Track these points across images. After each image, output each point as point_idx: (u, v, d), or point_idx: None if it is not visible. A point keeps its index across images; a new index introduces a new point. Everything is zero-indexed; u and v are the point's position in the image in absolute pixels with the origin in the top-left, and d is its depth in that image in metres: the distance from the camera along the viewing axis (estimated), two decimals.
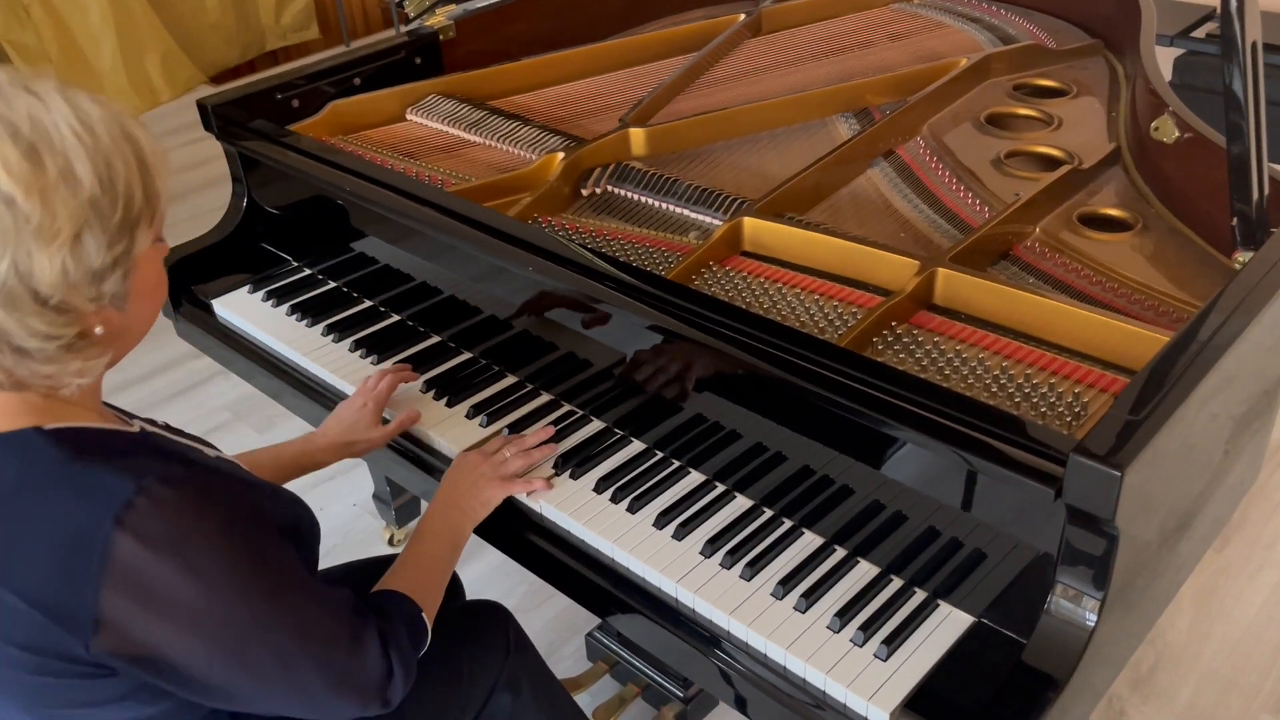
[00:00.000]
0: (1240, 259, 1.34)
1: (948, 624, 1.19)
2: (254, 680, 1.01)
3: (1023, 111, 1.89)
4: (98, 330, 0.97)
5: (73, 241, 0.91)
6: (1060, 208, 1.60)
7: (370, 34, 5.61)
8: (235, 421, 2.88)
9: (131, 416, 1.14)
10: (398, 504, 2.36)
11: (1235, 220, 1.32)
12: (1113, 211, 1.59)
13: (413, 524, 2.44)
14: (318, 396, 1.68)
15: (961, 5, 2.34)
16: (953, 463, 1.13)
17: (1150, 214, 1.59)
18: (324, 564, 1.61)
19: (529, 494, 1.38)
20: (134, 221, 0.95)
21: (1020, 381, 1.26)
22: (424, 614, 1.21)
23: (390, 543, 2.41)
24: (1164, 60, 3.24)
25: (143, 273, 0.99)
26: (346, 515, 2.54)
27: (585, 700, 1.92)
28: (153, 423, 1.17)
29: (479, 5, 2.19)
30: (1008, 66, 2.03)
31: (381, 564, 1.60)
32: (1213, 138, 1.56)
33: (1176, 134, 1.59)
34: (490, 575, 2.29)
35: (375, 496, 2.42)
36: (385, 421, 1.53)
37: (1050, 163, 1.73)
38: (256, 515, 1.04)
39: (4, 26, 4.30)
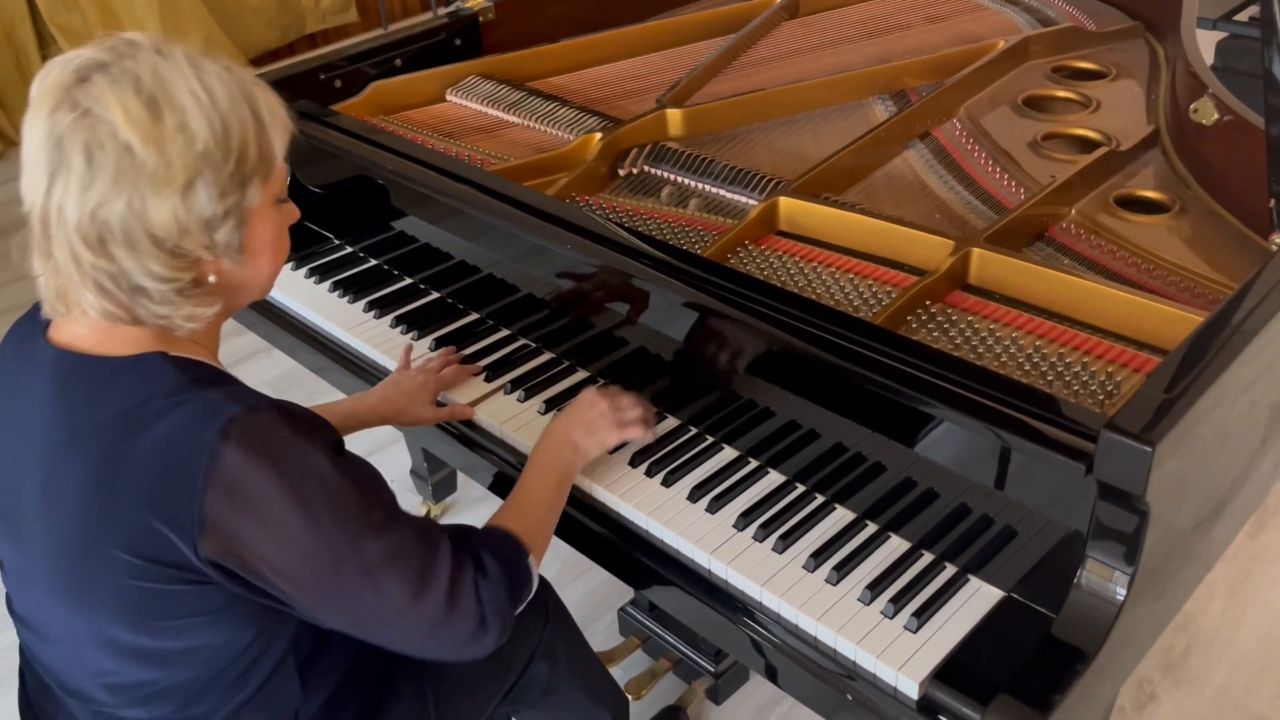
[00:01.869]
0: (1278, 240, 1.34)
1: (978, 598, 1.20)
2: (344, 600, 1.04)
3: (1060, 94, 1.89)
4: (211, 279, 1.04)
5: (184, 189, 0.97)
6: (1097, 190, 1.60)
7: (408, 17, 5.65)
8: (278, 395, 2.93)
9: None
10: (434, 480, 2.40)
11: (1273, 202, 1.32)
12: (1150, 193, 1.59)
13: (450, 499, 2.48)
14: (361, 372, 1.71)
15: None
16: (985, 439, 1.14)
17: (1188, 196, 1.59)
18: None
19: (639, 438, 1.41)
20: (246, 176, 1.02)
21: (1053, 360, 1.27)
22: (531, 558, 1.20)
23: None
24: (1207, 44, 3.20)
25: (257, 229, 1.06)
26: None
27: (617, 674, 1.94)
28: None
29: None
30: (1046, 49, 2.03)
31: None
32: (1253, 120, 1.55)
33: (1216, 116, 1.58)
34: None
35: (413, 472, 2.46)
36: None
37: (1087, 145, 1.73)
38: (350, 470, 1.07)
39: (50, 9, 4.37)
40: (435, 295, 1.80)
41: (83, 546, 1.01)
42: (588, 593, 2.24)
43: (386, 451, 2.66)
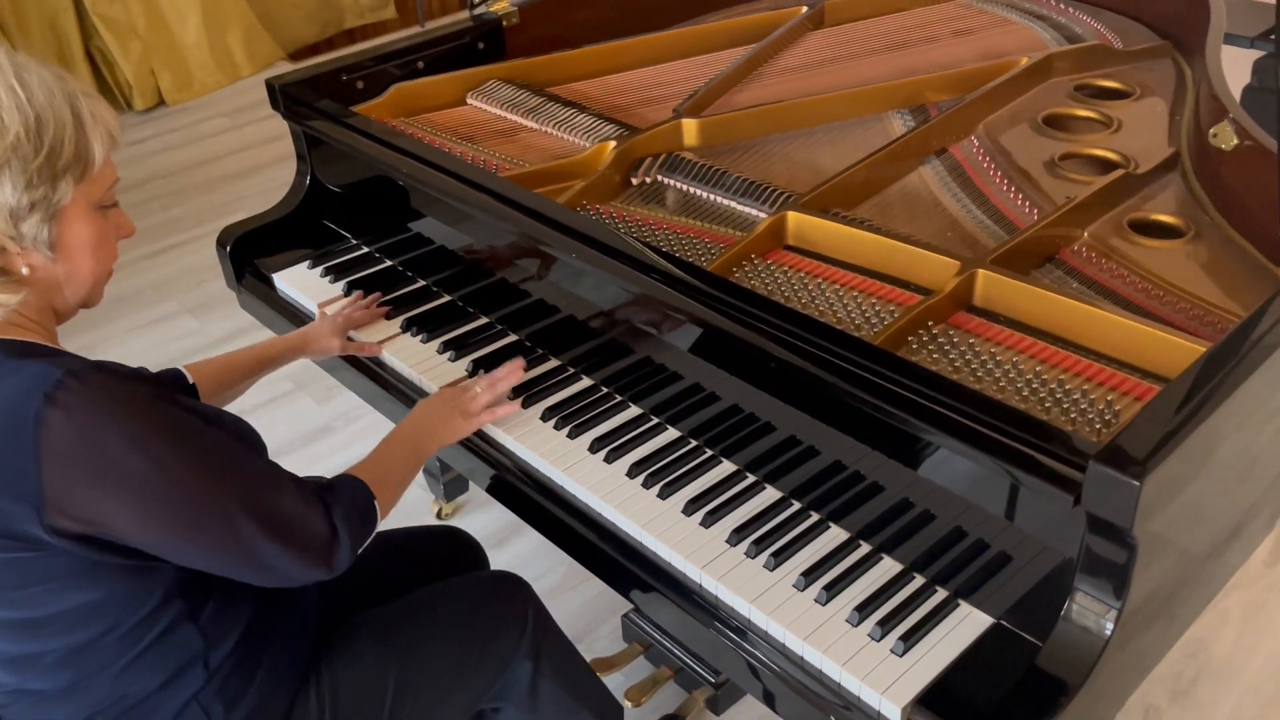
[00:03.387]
0: None
1: (967, 624, 1.19)
2: (203, 541, 1.08)
3: (1082, 113, 1.87)
4: (23, 270, 1.09)
5: None
6: (1111, 212, 1.58)
7: (446, 15, 5.68)
8: (297, 391, 2.96)
9: None
10: (446, 479, 2.41)
11: None
12: (1164, 218, 1.57)
13: (461, 498, 2.50)
14: (370, 373, 1.73)
15: (1029, 2, 2.31)
16: (976, 464, 1.13)
17: (1205, 222, 1.57)
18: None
19: (497, 421, 1.50)
20: (58, 172, 1.07)
21: (1053, 386, 1.25)
22: (375, 500, 1.27)
23: (438, 516, 2.46)
24: (1243, 63, 3.15)
25: (73, 228, 1.11)
26: None
27: (619, 680, 1.95)
28: None
29: None
30: (1070, 66, 2.00)
31: (428, 533, 1.66)
32: (1273, 146, 1.53)
33: (1235, 141, 1.56)
34: (533, 554, 2.34)
35: (426, 470, 2.48)
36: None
37: (1106, 166, 1.71)
38: (186, 406, 1.13)
39: (94, 0, 4.43)
40: (446, 298, 1.81)
41: None
42: (592, 598, 2.24)
43: None
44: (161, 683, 1.17)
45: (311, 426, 2.83)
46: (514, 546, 2.36)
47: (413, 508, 2.53)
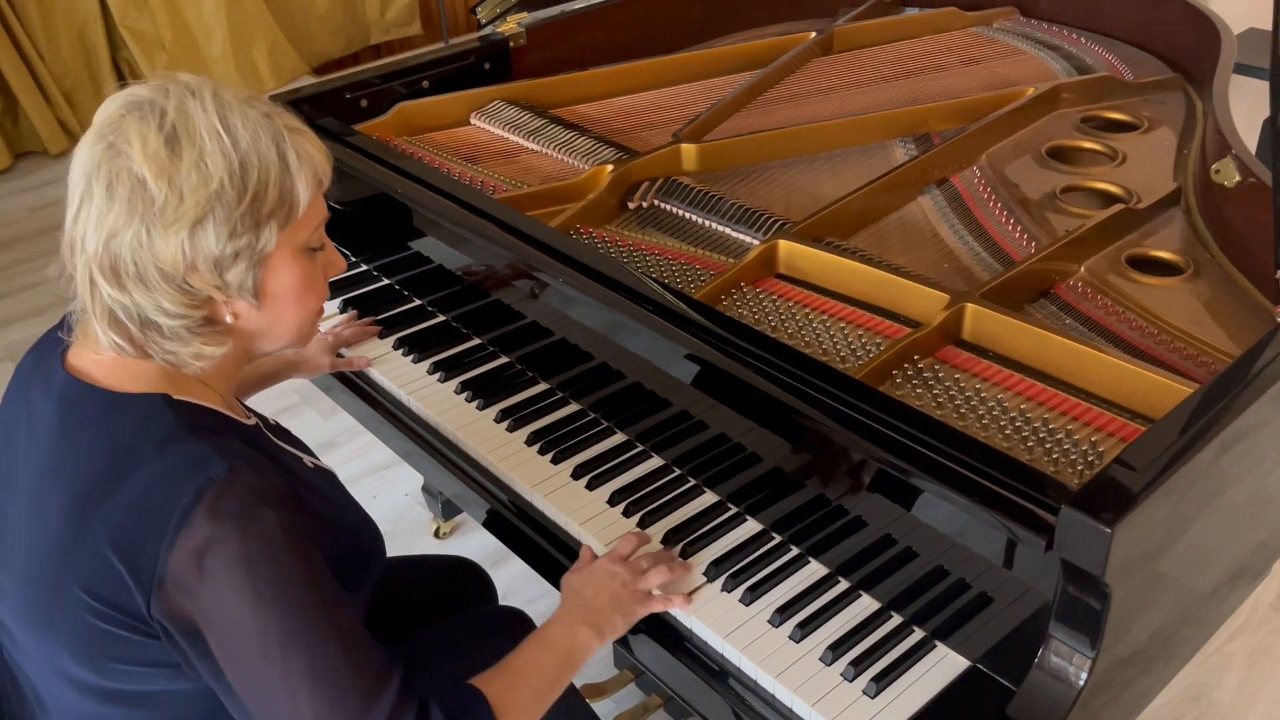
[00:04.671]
0: None
1: (942, 666, 1.17)
2: (261, 699, 1.00)
3: (1087, 145, 1.85)
4: (228, 319, 1.05)
5: (193, 226, 0.98)
6: (1110, 247, 1.56)
7: (471, 32, 5.71)
8: (302, 405, 2.97)
9: (251, 412, 1.19)
10: (445, 497, 2.40)
11: (1279, 271, 1.27)
12: (1163, 254, 1.54)
13: (459, 516, 2.49)
14: (363, 394, 1.73)
15: (1041, 32, 2.29)
16: (952, 503, 1.11)
17: (1205, 260, 1.54)
18: None
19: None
20: (262, 218, 1.01)
21: (1037, 425, 1.23)
22: None
23: (436, 535, 2.46)
24: (1265, 97, 3.10)
25: (277, 274, 1.05)
26: (399, 504, 2.60)
27: (609, 706, 1.93)
28: (266, 422, 1.21)
29: (549, 14, 2.22)
30: (1079, 97, 1.98)
31: (437, 564, 1.64)
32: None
33: (1238, 178, 1.53)
34: (529, 574, 2.31)
35: (424, 489, 2.48)
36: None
37: (1108, 200, 1.69)
38: (322, 541, 1.05)
39: (122, 12, 4.49)
40: (441, 318, 1.81)
41: (49, 579, 1.02)
42: None
43: (404, 466, 2.67)
44: None
45: (316, 440, 2.81)
46: (512, 567, 2.34)
47: (413, 525, 2.53)
